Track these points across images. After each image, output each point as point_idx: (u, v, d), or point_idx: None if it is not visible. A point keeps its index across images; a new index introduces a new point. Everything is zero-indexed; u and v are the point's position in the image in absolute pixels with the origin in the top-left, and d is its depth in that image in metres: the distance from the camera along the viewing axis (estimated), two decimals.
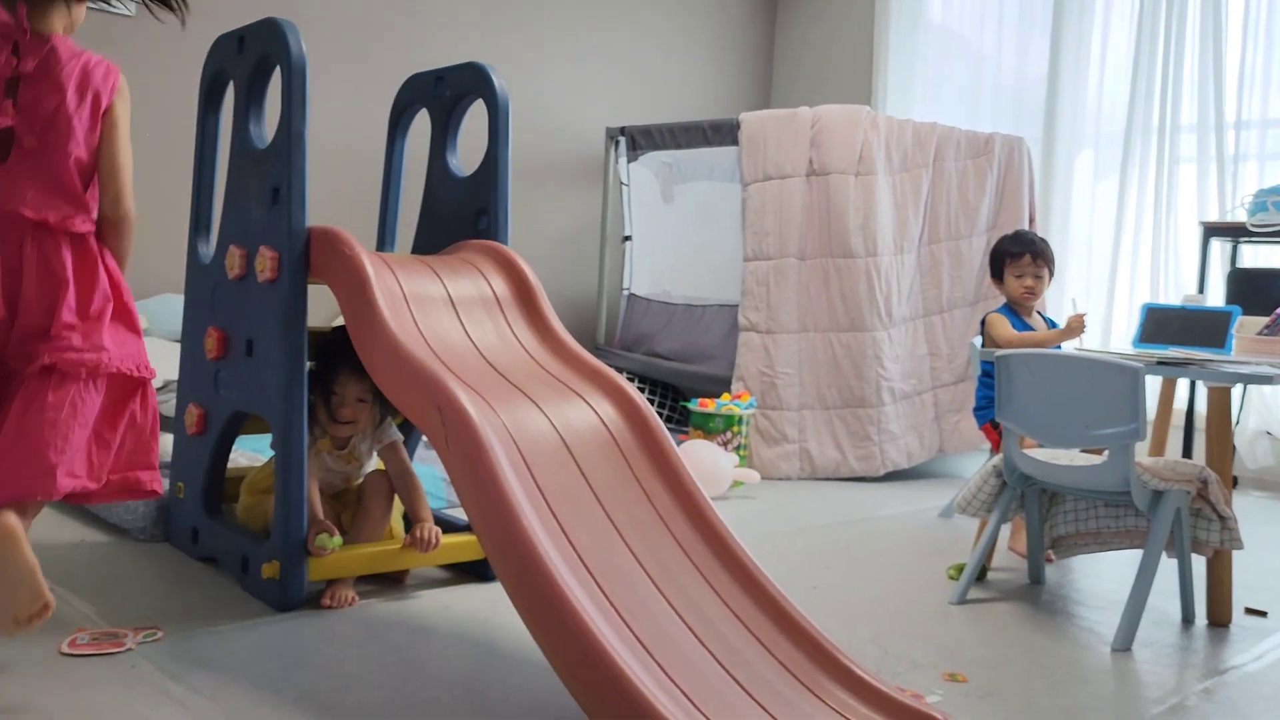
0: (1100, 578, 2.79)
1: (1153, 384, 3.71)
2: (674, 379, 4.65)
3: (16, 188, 1.73)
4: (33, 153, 1.75)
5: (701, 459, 3.51)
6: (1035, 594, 2.60)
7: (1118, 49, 4.80)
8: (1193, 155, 4.53)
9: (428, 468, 2.72)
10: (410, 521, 2.32)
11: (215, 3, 4.04)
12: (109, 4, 2.27)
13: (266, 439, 2.26)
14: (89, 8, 1.95)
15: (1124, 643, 2.19)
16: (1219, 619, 2.41)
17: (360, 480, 2.39)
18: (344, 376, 2.26)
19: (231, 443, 2.41)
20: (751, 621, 1.69)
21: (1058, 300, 4.67)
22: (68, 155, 1.80)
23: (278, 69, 2.22)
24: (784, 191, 4.13)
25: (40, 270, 1.74)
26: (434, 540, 2.24)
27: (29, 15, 1.74)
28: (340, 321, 2.19)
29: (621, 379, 2.06)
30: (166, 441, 2.77)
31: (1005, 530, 2.94)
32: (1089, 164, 4.90)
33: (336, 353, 2.26)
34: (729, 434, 3.89)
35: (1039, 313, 3.24)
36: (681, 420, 4.52)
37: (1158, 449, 3.25)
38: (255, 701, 1.68)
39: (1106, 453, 2.30)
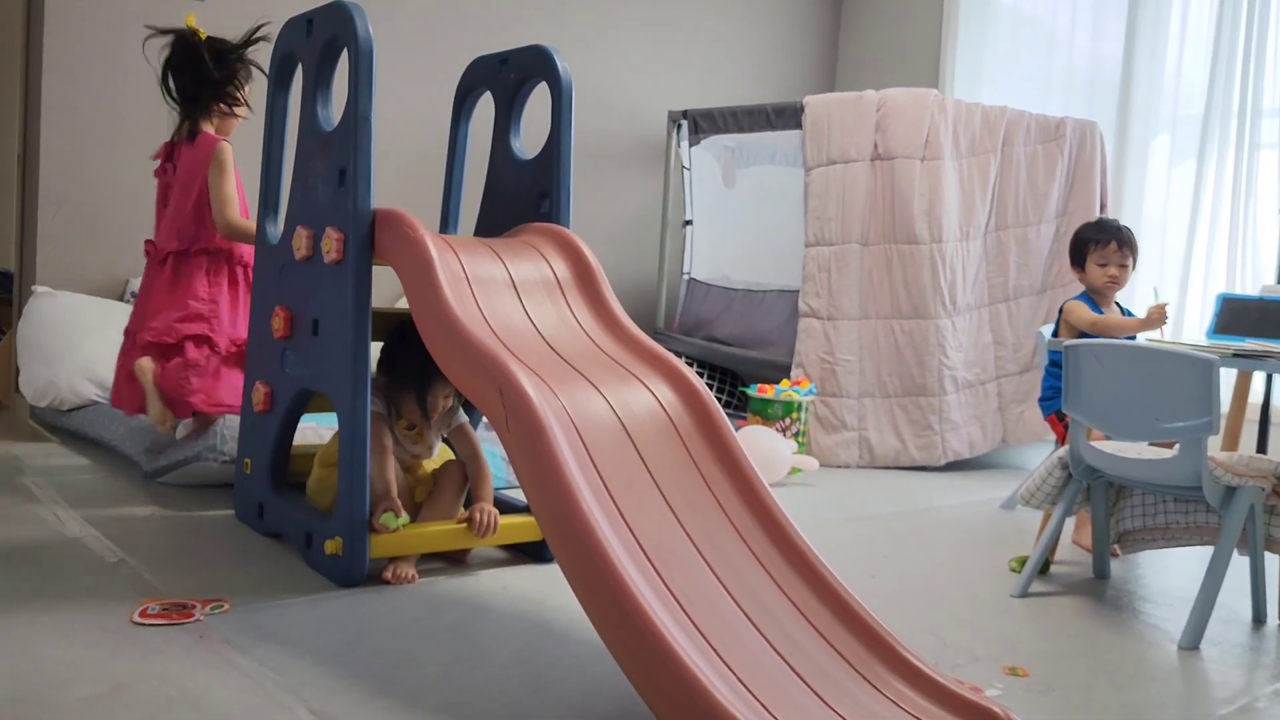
0: (1168, 574, 2.72)
1: (1227, 376, 3.61)
2: (733, 364, 4.63)
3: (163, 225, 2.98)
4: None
5: (759, 445, 3.50)
6: (1100, 589, 2.55)
7: (1197, 30, 4.64)
8: (1274, 140, 4.38)
9: (488, 448, 2.74)
10: (471, 502, 2.35)
11: None
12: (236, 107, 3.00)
13: (331, 416, 2.30)
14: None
15: (1192, 641, 2.14)
16: None
17: (428, 460, 2.43)
18: (440, 382, 2.29)
19: (297, 420, 2.46)
20: (809, 610, 1.68)
21: (1132, 290, 4.55)
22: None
23: (345, 51, 2.24)
24: (848, 176, 4.08)
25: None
26: (491, 525, 2.27)
27: (192, 124, 2.98)
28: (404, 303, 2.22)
29: (681, 363, 2.06)
30: (234, 419, 2.85)
31: (1069, 523, 2.89)
32: (1164, 149, 4.76)
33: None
34: (788, 420, 3.87)
35: (1117, 303, 3.17)
36: (740, 406, 4.50)
37: (1231, 443, 3.16)
38: (316, 674, 1.71)
39: (1177, 446, 2.24)
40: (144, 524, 2.54)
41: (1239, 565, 2.31)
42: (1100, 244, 3.03)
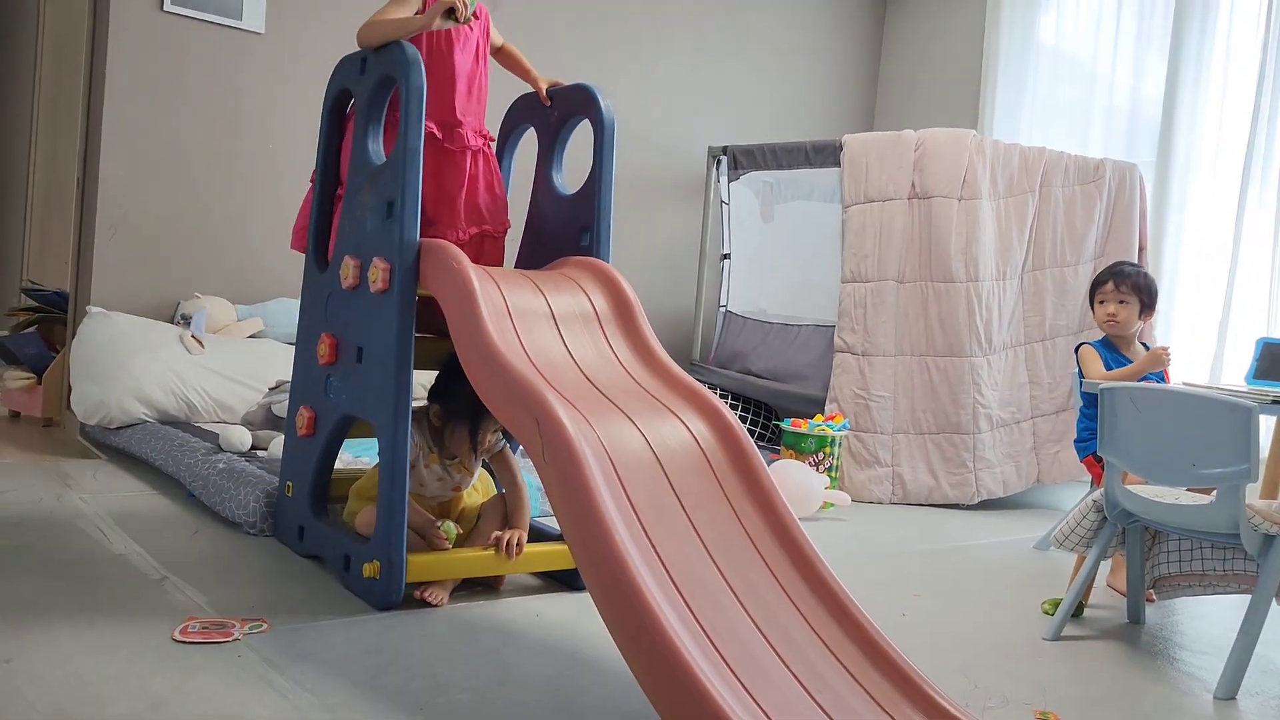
0: (1204, 620, 2.69)
1: (1267, 422, 3.57)
2: (768, 398, 4.64)
3: None
4: None
5: (792, 479, 3.51)
6: (1134, 634, 2.53)
7: (1241, 72, 4.63)
8: None
9: (525, 476, 2.78)
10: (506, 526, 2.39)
11: (337, 20, 4.22)
12: None
13: (371, 443, 2.35)
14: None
15: (1228, 691, 2.12)
16: None
17: (468, 493, 2.47)
18: (492, 418, 2.30)
19: (339, 445, 2.51)
20: (838, 648, 1.69)
21: (1166, 335, 4.53)
22: None
23: (397, 88, 2.31)
24: (885, 214, 4.10)
25: None
26: (515, 549, 2.31)
27: None
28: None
29: (715, 398, 2.09)
30: (277, 441, 2.91)
31: (1104, 566, 2.87)
32: (1205, 191, 4.73)
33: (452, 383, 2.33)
34: (821, 455, 3.88)
35: (1145, 345, 3.16)
36: (774, 439, 4.51)
37: (1270, 491, 3.12)
38: (352, 696, 1.75)
39: (1215, 493, 2.23)
40: (187, 543, 2.60)
41: (1277, 615, 2.28)
42: (1101, 284, 3.07)
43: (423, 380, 2.42)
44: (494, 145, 2.60)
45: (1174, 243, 4.76)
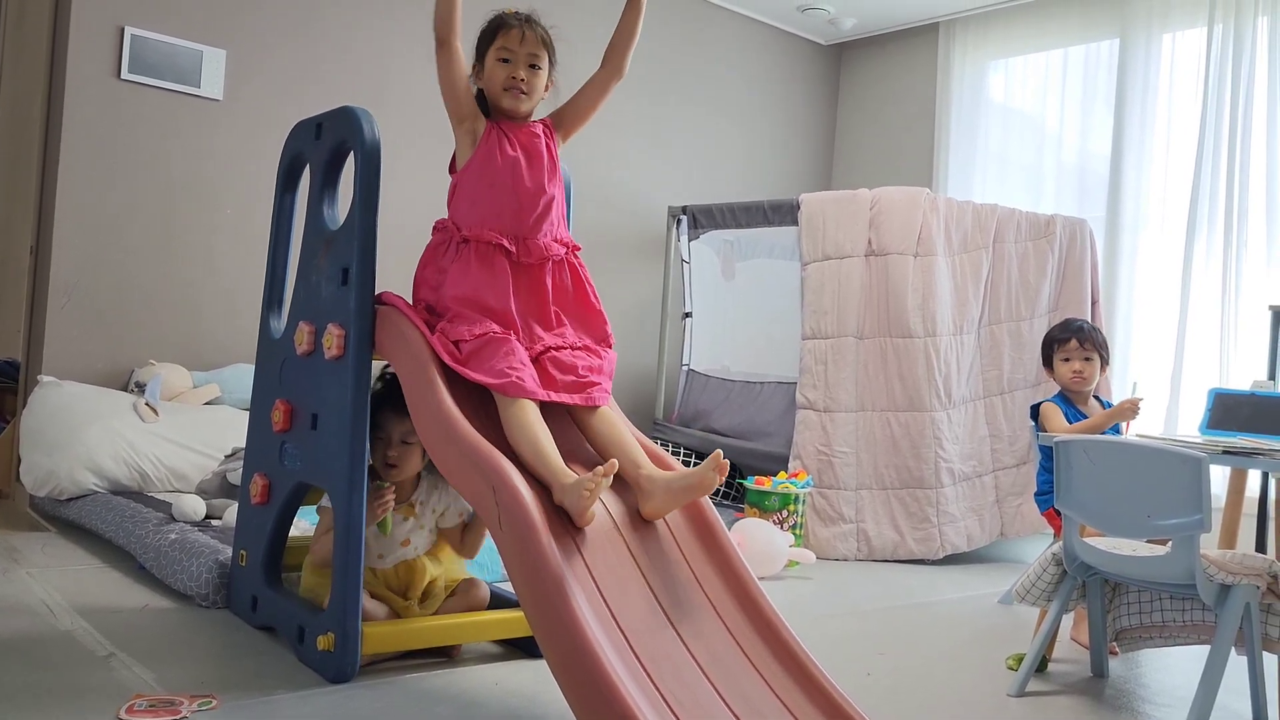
0: (1168, 672, 2.70)
1: (1222, 472, 3.61)
2: (731, 456, 4.59)
3: None
4: None
5: (757, 538, 3.49)
6: (1098, 688, 2.52)
7: (1183, 127, 4.77)
8: (1261, 236, 4.47)
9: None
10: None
11: (295, 88, 4.25)
12: None
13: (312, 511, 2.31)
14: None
15: None
16: None
17: (429, 555, 2.43)
18: (386, 417, 2.29)
19: (294, 513, 2.47)
20: (800, 712, 1.67)
21: (1122, 385, 4.59)
22: None
23: (352, 154, 2.32)
24: (843, 271, 4.16)
25: None
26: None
27: None
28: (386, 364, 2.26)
29: (672, 460, 2.08)
30: (232, 509, 2.86)
31: (1066, 619, 2.87)
32: (1154, 244, 4.85)
33: (381, 398, 2.30)
34: (785, 512, 3.87)
35: (1097, 398, 3.20)
36: (738, 498, 4.50)
37: (1228, 540, 3.15)
38: None
39: (1170, 544, 2.25)
40: (136, 617, 2.53)
41: (1238, 665, 2.29)
42: (1062, 342, 3.10)
43: None
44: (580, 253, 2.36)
45: (1126, 296, 4.86)
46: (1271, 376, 4.07)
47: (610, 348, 2.29)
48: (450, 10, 2.18)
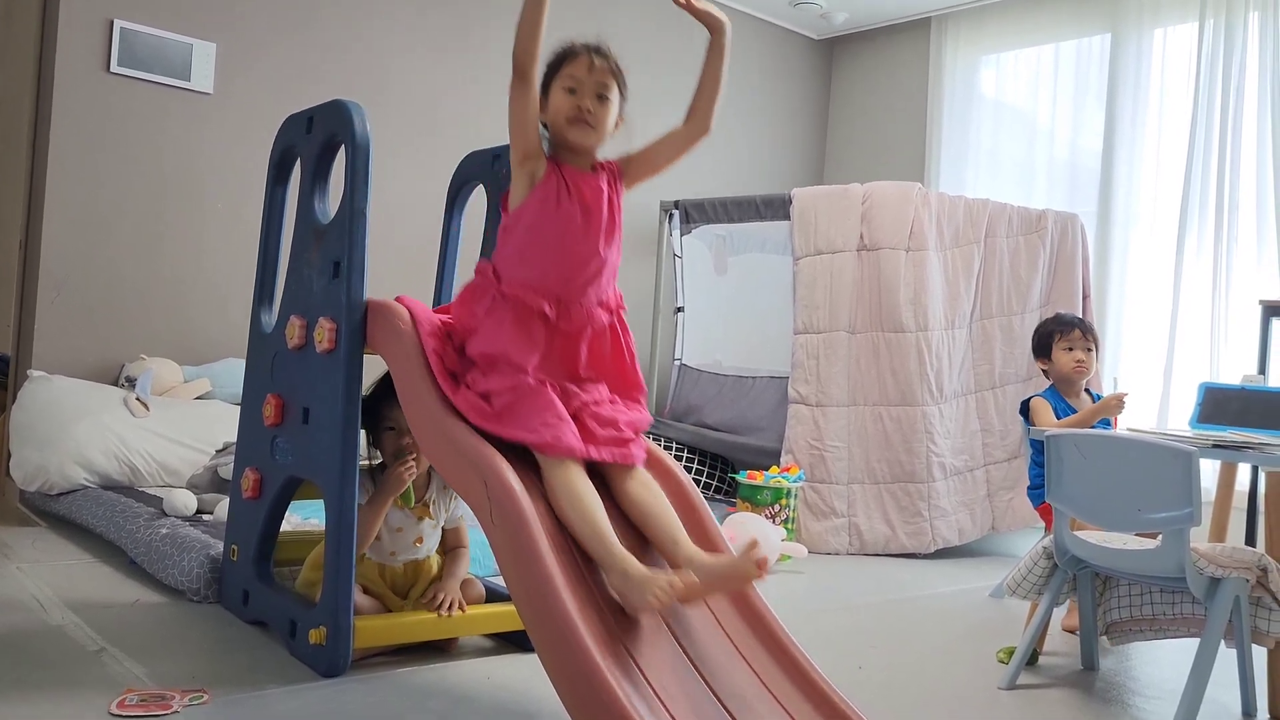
0: (1157, 665, 2.71)
1: (1212, 465, 3.63)
2: (723, 450, 4.64)
3: None
4: None
5: (749, 532, 3.50)
6: (1089, 680, 2.53)
7: (1174, 123, 4.78)
8: (1252, 232, 4.48)
9: (476, 532, 2.75)
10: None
11: (286, 81, 4.23)
12: None
13: (321, 505, 2.31)
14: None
15: None
16: None
17: (429, 553, 2.45)
18: (394, 407, 2.25)
19: (285, 508, 2.46)
20: (790, 704, 1.67)
21: (1109, 381, 4.61)
22: None
23: (343, 148, 2.31)
24: (835, 266, 4.16)
25: None
26: (455, 603, 2.29)
27: None
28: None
29: (663, 453, 2.08)
30: (223, 504, 2.86)
31: (1057, 612, 2.88)
32: (1145, 239, 4.86)
33: (382, 394, 2.30)
34: (777, 507, 3.87)
35: (1087, 390, 3.21)
36: (730, 492, 4.51)
37: (1218, 533, 3.17)
38: None
39: (1160, 537, 2.26)
40: (127, 611, 2.53)
41: (1227, 657, 2.30)
42: (1065, 332, 3.11)
43: None
44: (625, 312, 2.19)
45: (1117, 290, 4.87)
46: (1262, 371, 4.09)
47: (644, 406, 2.10)
48: (533, 38, 1.94)
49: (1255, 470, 4.08)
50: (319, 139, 2.40)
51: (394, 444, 2.34)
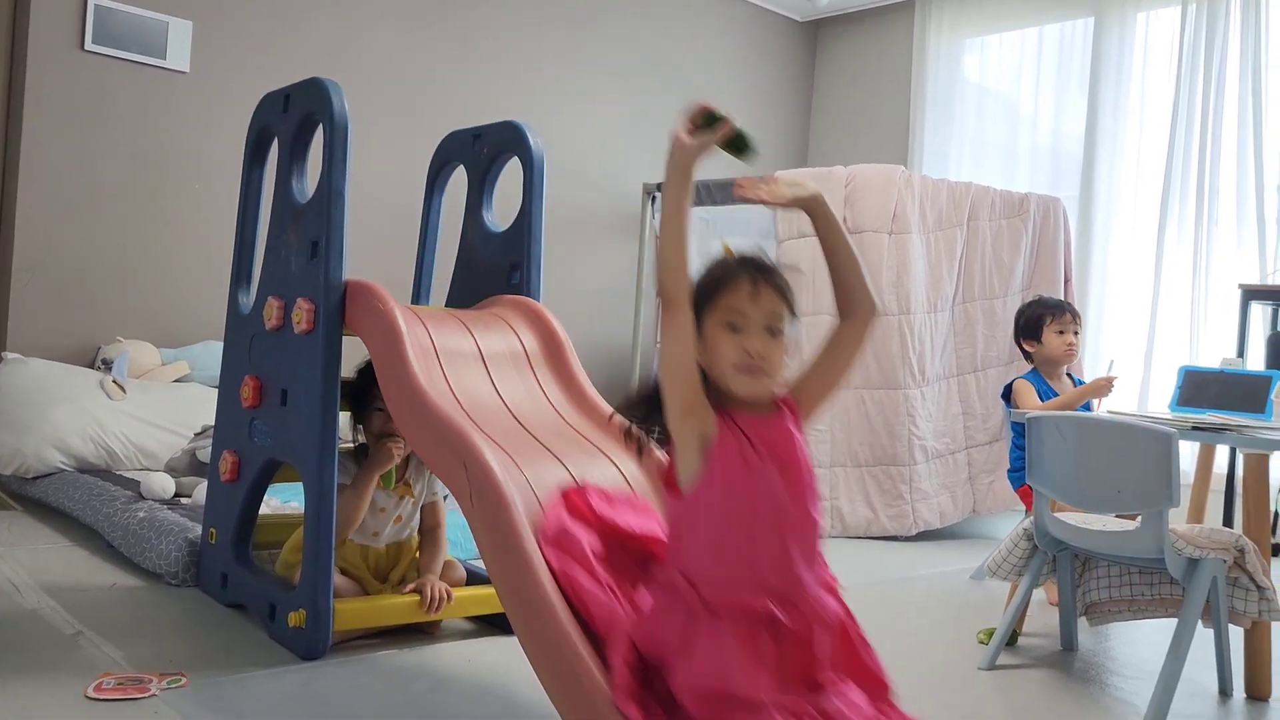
0: (1135, 645, 2.73)
1: (1192, 447, 3.65)
2: None
3: None
4: None
5: None
6: (1068, 661, 2.55)
7: (1156, 109, 4.80)
8: (1231, 217, 4.50)
9: (454, 514, 2.73)
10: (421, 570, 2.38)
11: (263, 60, 4.18)
12: None
13: (299, 487, 2.29)
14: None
15: (1157, 716, 2.13)
16: (1257, 693, 2.34)
17: (411, 533, 2.45)
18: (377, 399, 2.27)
19: (264, 490, 2.45)
20: None
21: (1093, 363, 4.62)
22: None
23: (321, 126, 2.28)
24: (818, 249, 4.13)
25: None
26: (441, 600, 2.27)
27: None
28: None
29: (645, 436, 2.07)
30: (201, 487, 2.83)
31: (1037, 594, 2.89)
32: (1126, 224, 4.88)
33: (372, 375, 2.28)
34: None
35: (1070, 375, 3.22)
36: None
37: (1196, 515, 3.19)
38: None
39: (1139, 518, 2.27)
40: (104, 595, 2.50)
41: (1204, 638, 2.32)
42: (1056, 315, 3.12)
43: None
44: (838, 589, 1.66)
45: (1099, 274, 4.88)
46: (1240, 354, 4.12)
47: (897, 708, 1.61)
48: (681, 256, 1.52)
49: (1233, 452, 4.11)
50: (296, 118, 2.36)
51: (381, 424, 2.32)
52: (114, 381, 3.54)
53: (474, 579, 2.45)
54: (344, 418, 2.32)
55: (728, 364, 1.51)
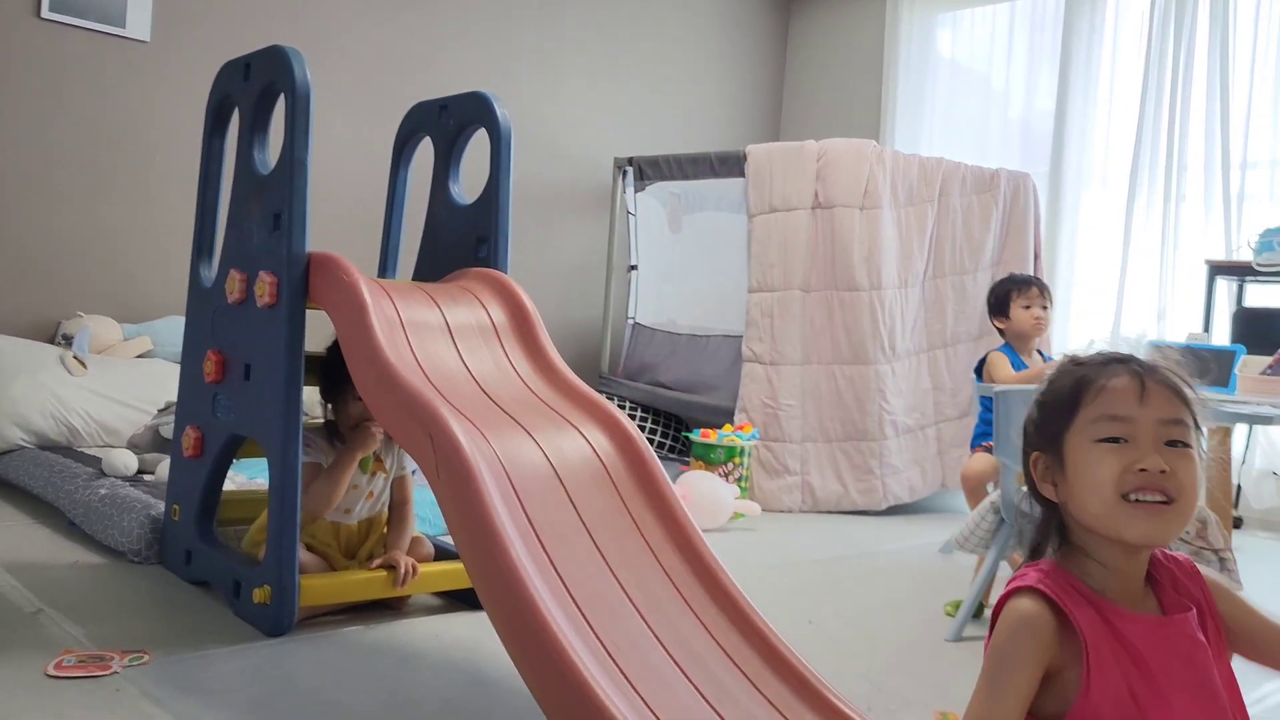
0: None
1: None
2: (677, 409, 4.64)
3: None
4: None
5: (702, 490, 3.50)
6: None
7: (1125, 86, 4.81)
8: (1199, 193, 4.53)
9: (423, 490, 2.71)
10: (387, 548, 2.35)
11: (227, 29, 4.10)
12: None
13: (263, 463, 2.27)
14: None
15: None
16: None
17: (383, 508, 2.43)
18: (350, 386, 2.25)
19: (228, 466, 2.41)
20: (738, 656, 1.67)
21: (1062, 338, 4.66)
22: None
23: (282, 96, 2.23)
24: (789, 224, 4.14)
25: None
26: (410, 574, 2.25)
27: None
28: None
29: (615, 409, 2.06)
30: (165, 464, 2.79)
31: (1004, 566, 2.91)
32: (1095, 200, 4.90)
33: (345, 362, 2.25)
34: (730, 465, 3.88)
35: (1039, 351, 3.24)
36: (684, 451, 4.51)
37: None
38: None
39: None
40: (65, 572, 2.47)
41: None
42: (1022, 290, 3.15)
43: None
44: None
45: (1068, 250, 4.91)
46: (1206, 329, 4.16)
47: None
48: None
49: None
50: (257, 87, 2.32)
51: (359, 413, 2.29)
52: (75, 357, 3.48)
53: (442, 555, 2.44)
54: (309, 392, 2.29)
55: (1109, 503, 1.04)
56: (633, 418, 4.62)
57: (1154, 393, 1.07)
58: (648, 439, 3.15)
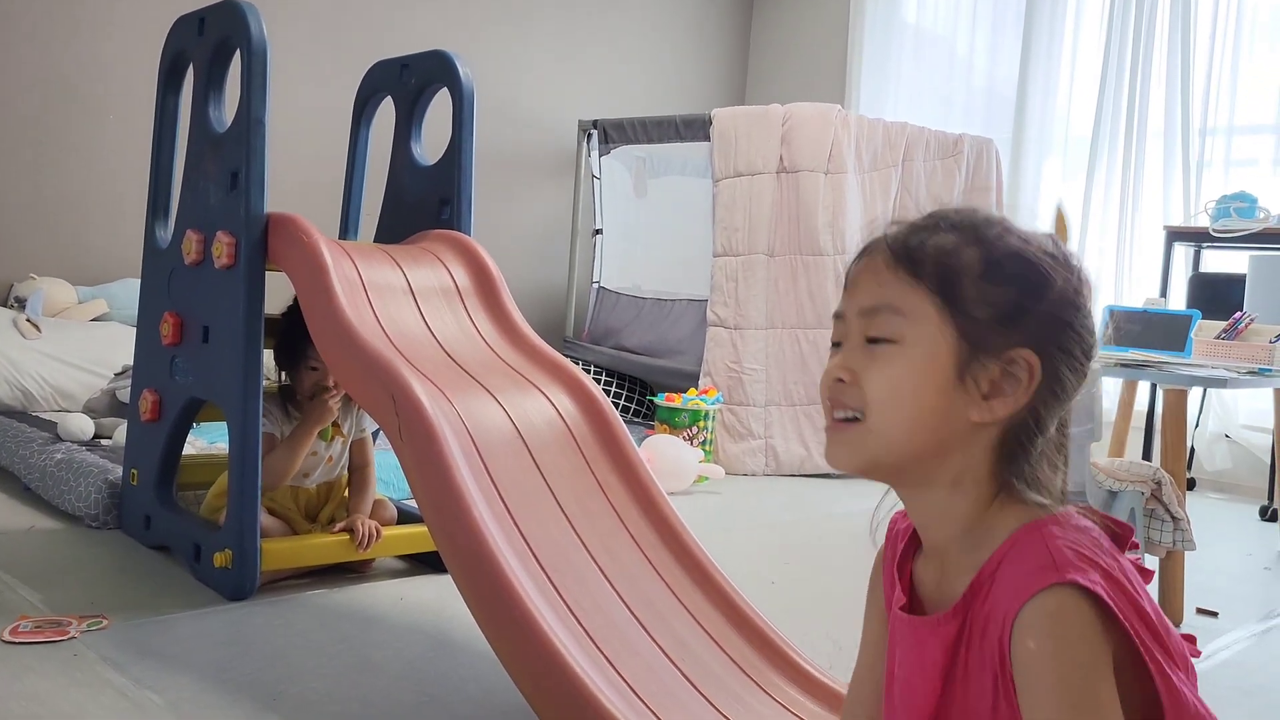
0: None
1: (1114, 384, 3.75)
2: (642, 373, 4.64)
3: None
4: None
5: (666, 454, 3.51)
6: None
7: (1087, 54, 4.84)
8: (1158, 160, 4.58)
9: (386, 454, 2.70)
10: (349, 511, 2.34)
11: None
12: None
13: (223, 426, 2.24)
14: None
15: None
16: (1170, 619, 2.43)
17: (341, 471, 2.41)
18: (310, 351, 2.22)
19: (187, 430, 2.38)
20: (702, 615, 1.69)
21: None
22: None
23: (238, 52, 2.18)
24: (754, 188, 4.13)
25: None
26: (372, 536, 2.24)
27: None
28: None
29: (580, 372, 2.05)
30: (122, 429, 2.75)
31: None
32: (1056, 166, 4.94)
33: (300, 328, 2.22)
34: (695, 429, 3.89)
35: None
36: (648, 415, 4.51)
37: (1117, 449, 3.28)
38: (199, 690, 1.66)
39: None
40: (22, 538, 2.43)
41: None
42: None
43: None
44: None
45: (1028, 215, 4.92)
46: (1164, 294, 4.22)
47: None
48: None
49: (1154, 389, 4.22)
50: (211, 42, 2.26)
51: (313, 382, 2.27)
52: (28, 320, 3.41)
53: (406, 519, 2.43)
54: (269, 356, 2.26)
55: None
56: (598, 382, 4.61)
57: (862, 274, 0.89)
58: (613, 403, 3.15)
